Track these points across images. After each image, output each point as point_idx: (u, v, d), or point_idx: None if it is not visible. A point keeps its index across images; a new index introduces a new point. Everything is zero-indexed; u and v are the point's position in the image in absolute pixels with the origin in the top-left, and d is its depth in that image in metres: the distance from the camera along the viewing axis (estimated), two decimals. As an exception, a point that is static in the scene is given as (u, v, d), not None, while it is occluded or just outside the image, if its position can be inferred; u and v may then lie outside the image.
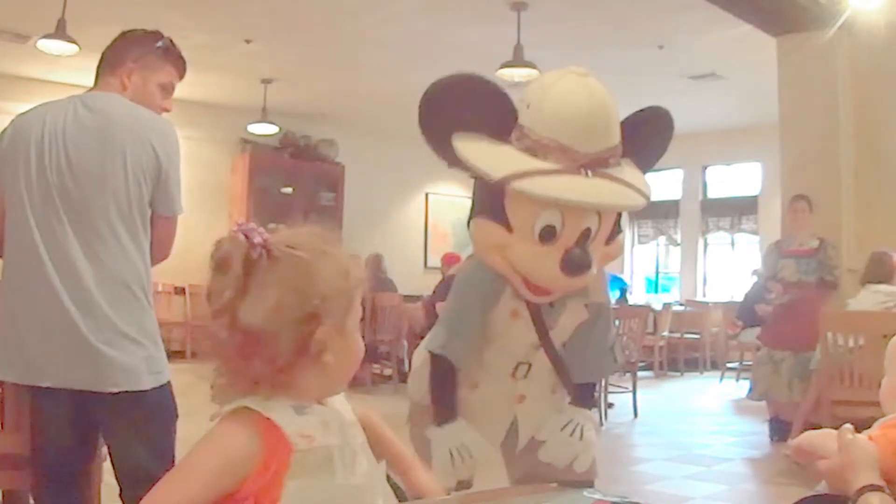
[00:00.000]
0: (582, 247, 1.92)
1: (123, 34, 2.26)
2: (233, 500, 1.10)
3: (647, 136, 2.12)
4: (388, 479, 1.33)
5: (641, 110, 2.17)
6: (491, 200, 1.97)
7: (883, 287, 5.08)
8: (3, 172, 2.11)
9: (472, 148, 1.94)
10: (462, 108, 1.96)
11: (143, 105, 2.18)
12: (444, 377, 2.10)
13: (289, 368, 1.13)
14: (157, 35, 2.28)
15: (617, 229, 2.06)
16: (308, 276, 1.13)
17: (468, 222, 2.05)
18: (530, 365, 2.12)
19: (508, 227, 1.95)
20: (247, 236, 1.13)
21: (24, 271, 2.06)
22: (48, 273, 2.02)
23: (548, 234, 1.92)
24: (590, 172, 1.90)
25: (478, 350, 2.09)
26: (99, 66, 2.23)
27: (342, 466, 1.16)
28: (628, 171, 2.02)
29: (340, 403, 1.26)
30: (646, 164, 2.11)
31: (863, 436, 1.39)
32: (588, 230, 1.94)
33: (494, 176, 1.90)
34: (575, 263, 1.91)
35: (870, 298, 5.06)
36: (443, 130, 1.97)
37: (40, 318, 2.03)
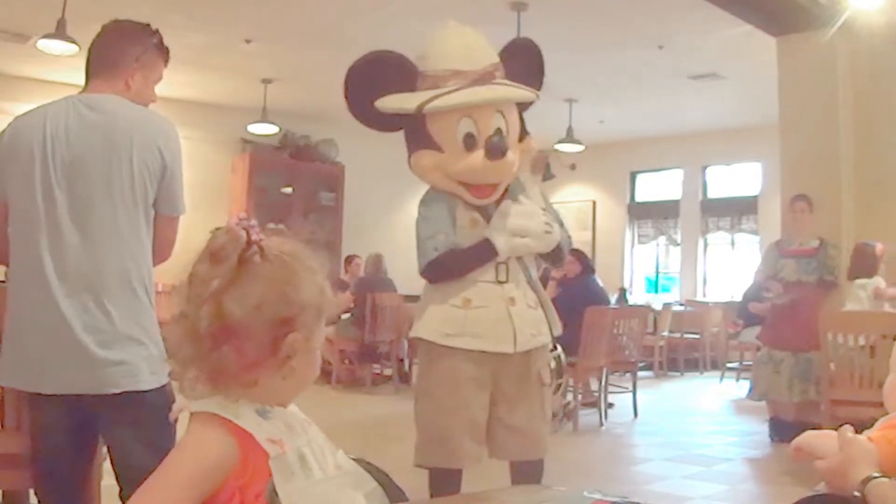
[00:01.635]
0: (499, 135, 2.43)
1: (119, 29, 2.22)
2: (217, 500, 1.11)
3: (521, 62, 2.61)
4: (390, 480, 1.34)
5: (511, 42, 2.75)
6: (419, 134, 2.48)
7: (862, 282, 5.09)
8: (9, 177, 2.09)
9: (390, 100, 2.45)
10: (373, 79, 2.46)
11: (141, 103, 2.18)
12: (452, 257, 2.51)
13: (256, 366, 1.15)
14: (149, 29, 2.25)
15: (524, 131, 2.58)
16: (292, 283, 1.17)
17: (409, 163, 2.54)
18: (507, 265, 2.54)
19: (439, 150, 2.46)
20: (246, 232, 1.15)
21: (26, 277, 2.06)
22: (49, 277, 2.01)
23: (469, 141, 2.44)
24: (485, 83, 2.43)
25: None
26: (96, 63, 2.18)
27: (316, 463, 1.19)
28: (513, 83, 2.52)
29: (292, 406, 1.28)
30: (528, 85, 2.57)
31: (862, 436, 1.39)
32: (500, 130, 2.46)
33: (411, 107, 2.41)
34: (496, 147, 2.41)
35: (856, 298, 5.07)
36: (365, 102, 2.46)
37: (40, 324, 2.02)
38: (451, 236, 2.51)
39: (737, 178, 11.15)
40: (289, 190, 10.63)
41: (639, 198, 11.92)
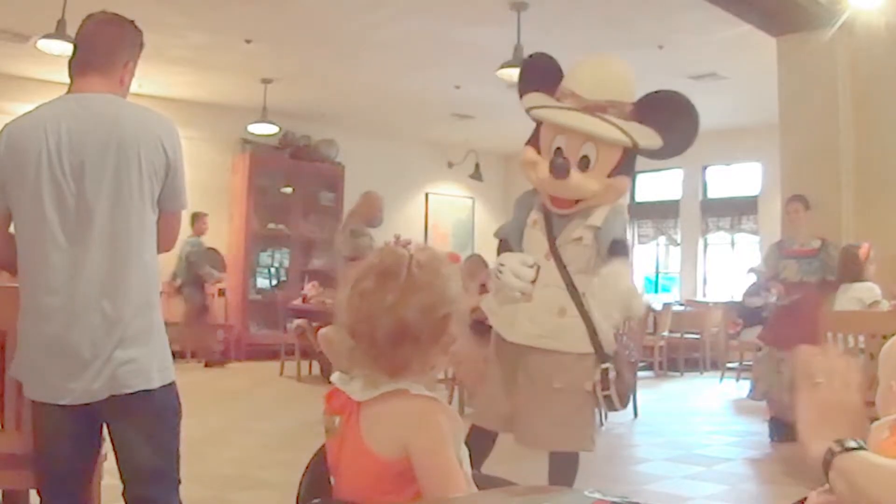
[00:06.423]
0: (565, 157, 2.63)
1: (119, 27, 2.22)
2: None
3: (663, 116, 2.69)
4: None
5: (657, 92, 2.78)
6: (534, 132, 2.77)
7: (856, 287, 5.07)
8: (11, 187, 2.06)
9: (529, 97, 2.78)
10: (530, 75, 2.83)
11: (123, 97, 2.19)
12: (503, 248, 2.91)
13: (430, 356, 1.43)
14: (138, 28, 2.25)
15: (623, 170, 2.68)
16: (446, 285, 1.44)
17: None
18: (539, 268, 2.74)
19: (539, 151, 2.72)
20: (406, 250, 1.42)
21: (38, 285, 2.05)
22: (63, 284, 2.01)
23: (556, 155, 2.65)
24: (587, 112, 2.61)
25: (518, 242, 2.85)
26: (93, 57, 2.17)
27: None
28: (631, 124, 2.63)
29: None
30: (668, 139, 2.69)
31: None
32: (587, 157, 2.63)
33: (525, 107, 2.75)
34: (555, 166, 2.61)
35: (847, 304, 5.05)
36: (522, 91, 2.81)
37: (55, 334, 2.01)
38: (515, 230, 2.89)
39: (737, 178, 11.14)
40: (289, 190, 10.63)
41: (639, 198, 11.90)
